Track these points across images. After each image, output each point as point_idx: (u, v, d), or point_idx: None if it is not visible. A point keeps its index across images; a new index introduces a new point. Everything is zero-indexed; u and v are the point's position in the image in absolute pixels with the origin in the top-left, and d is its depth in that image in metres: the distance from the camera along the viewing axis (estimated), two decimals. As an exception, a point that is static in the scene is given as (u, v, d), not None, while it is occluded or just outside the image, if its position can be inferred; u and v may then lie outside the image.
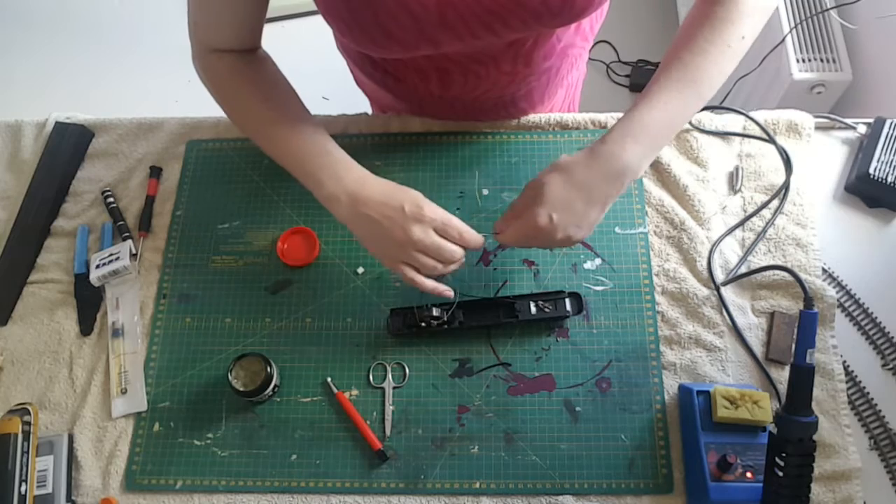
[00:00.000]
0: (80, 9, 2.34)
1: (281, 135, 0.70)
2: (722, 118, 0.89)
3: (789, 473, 0.60)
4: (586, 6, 0.63)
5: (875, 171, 0.82)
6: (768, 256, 0.81)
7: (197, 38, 0.71)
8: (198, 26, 0.70)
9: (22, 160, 0.92)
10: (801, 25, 1.35)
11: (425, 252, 0.66)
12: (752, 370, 0.76)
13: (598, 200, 0.65)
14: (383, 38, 0.64)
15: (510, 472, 0.72)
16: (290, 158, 0.70)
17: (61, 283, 0.84)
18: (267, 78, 0.73)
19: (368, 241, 0.69)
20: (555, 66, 0.83)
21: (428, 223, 0.65)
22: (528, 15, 0.62)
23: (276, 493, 0.73)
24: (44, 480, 0.71)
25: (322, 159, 0.68)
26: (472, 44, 0.67)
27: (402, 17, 0.62)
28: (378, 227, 0.66)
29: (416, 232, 0.65)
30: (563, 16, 0.63)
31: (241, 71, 0.71)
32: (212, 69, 0.72)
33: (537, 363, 0.77)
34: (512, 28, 0.64)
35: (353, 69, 0.92)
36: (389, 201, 0.66)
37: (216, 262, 0.84)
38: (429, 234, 0.65)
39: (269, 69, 0.74)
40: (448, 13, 0.62)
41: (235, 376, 0.73)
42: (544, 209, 0.64)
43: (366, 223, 0.67)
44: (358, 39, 0.65)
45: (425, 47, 0.66)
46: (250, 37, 0.71)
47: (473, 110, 0.87)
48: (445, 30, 0.64)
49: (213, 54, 0.71)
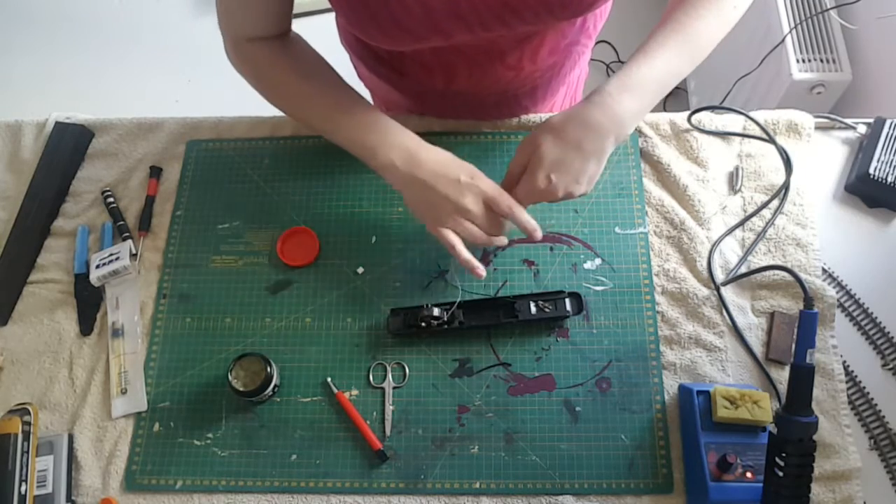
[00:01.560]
0: (80, 9, 2.34)
1: (329, 110, 0.71)
2: (722, 118, 0.89)
3: (789, 473, 0.60)
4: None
5: (875, 171, 0.82)
6: (768, 256, 0.81)
7: (229, 30, 0.71)
8: (229, 16, 0.70)
9: (22, 160, 0.92)
10: (801, 25, 1.35)
11: (473, 221, 0.67)
12: (752, 370, 0.76)
13: (594, 154, 0.66)
14: (394, 27, 0.64)
15: (510, 472, 0.72)
16: (342, 132, 0.71)
17: (61, 283, 0.84)
18: (304, 57, 0.74)
19: (418, 204, 0.70)
20: (559, 64, 0.83)
21: (480, 194, 0.67)
22: (540, 6, 0.63)
23: (276, 493, 0.73)
24: (44, 480, 0.71)
25: (373, 127, 0.70)
26: (481, 35, 0.67)
27: (414, 7, 0.62)
28: (432, 192, 0.67)
29: (468, 201, 0.66)
30: (573, 8, 0.63)
31: (278, 55, 0.72)
32: (249, 58, 0.72)
33: (537, 363, 0.77)
34: (523, 20, 0.64)
35: (356, 64, 0.92)
36: (446, 170, 0.67)
37: (216, 262, 0.84)
38: (479, 204, 0.67)
39: (305, 49, 0.75)
40: (460, 3, 0.62)
41: (235, 376, 0.73)
42: (542, 172, 0.66)
43: (419, 187, 0.68)
44: (368, 30, 0.65)
45: (435, 38, 0.66)
46: (281, 22, 0.72)
47: (476, 106, 0.87)
48: (456, 20, 0.64)
49: (248, 43, 0.72)
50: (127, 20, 2.33)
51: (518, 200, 0.68)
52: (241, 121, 0.92)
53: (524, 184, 0.68)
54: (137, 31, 2.29)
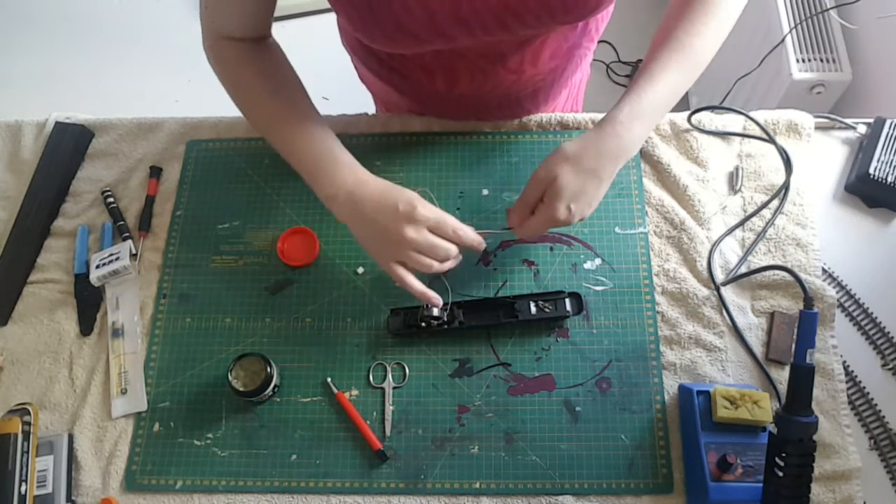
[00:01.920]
0: (80, 9, 2.34)
1: (287, 132, 0.70)
2: (722, 118, 0.89)
3: (789, 473, 0.60)
4: (599, 3, 0.63)
5: (875, 171, 0.82)
6: (768, 256, 0.81)
7: (207, 24, 0.71)
8: (208, 12, 0.70)
9: (22, 160, 0.92)
10: (801, 25, 1.35)
11: (419, 251, 0.66)
12: (752, 370, 0.76)
13: (606, 179, 0.67)
14: (396, 31, 0.64)
15: (510, 472, 0.72)
16: (294, 157, 0.70)
17: (61, 283, 0.84)
18: (274, 70, 0.73)
19: (365, 240, 0.70)
20: (560, 67, 0.83)
21: (422, 222, 0.65)
22: (543, 10, 0.63)
23: (276, 493, 0.73)
24: (44, 480, 0.71)
25: (325, 161, 0.69)
26: (483, 39, 0.67)
27: (416, 10, 0.62)
28: (373, 225, 0.67)
29: (408, 231, 0.65)
30: (576, 12, 0.63)
31: (249, 60, 0.71)
32: (221, 56, 0.72)
33: (537, 363, 0.77)
34: (525, 24, 0.65)
35: (357, 66, 0.92)
36: (384, 201, 0.66)
37: (216, 262, 0.84)
38: (422, 232, 0.66)
39: (278, 60, 0.74)
40: (462, 7, 0.62)
41: (235, 376, 0.73)
42: (562, 203, 0.66)
43: (361, 222, 0.68)
44: (370, 32, 0.65)
45: (437, 42, 0.66)
46: (259, 25, 0.71)
47: (478, 109, 0.87)
48: (459, 24, 0.64)
49: (223, 41, 0.71)
50: (127, 20, 2.32)
51: (534, 229, 0.68)
52: (241, 121, 0.92)
53: (542, 214, 0.67)
54: (137, 31, 2.29)
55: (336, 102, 1.09)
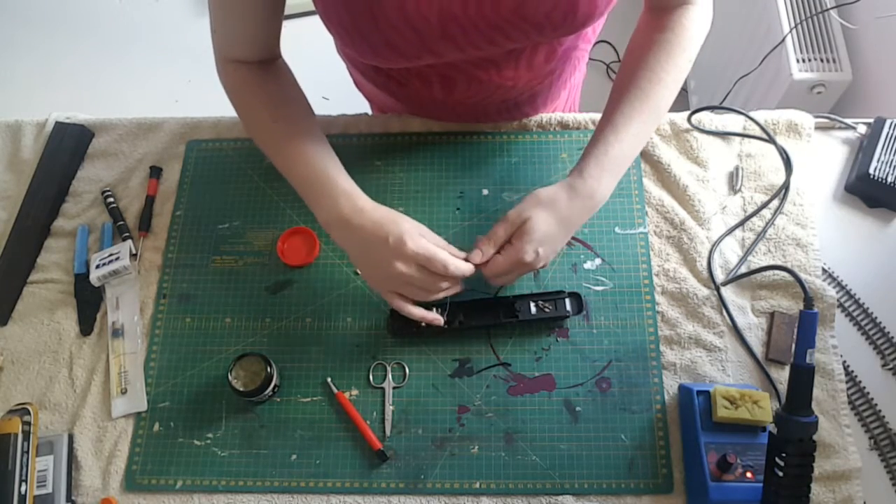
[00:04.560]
0: (80, 9, 2.34)
1: (289, 155, 0.70)
2: (722, 118, 0.89)
3: (789, 473, 0.60)
4: (587, 18, 0.63)
5: (875, 171, 0.82)
6: (768, 256, 0.81)
7: (216, 49, 0.72)
8: (217, 36, 0.70)
9: (22, 160, 0.92)
10: (801, 25, 1.35)
11: (411, 284, 0.67)
12: (752, 370, 0.76)
13: (574, 228, 0.70)
14: (385, 48, 0.64)
15: (510, 472, 0.72)
16: (296, 180, 0.70)
17: (61, 283, 0.84)
18: (280, 92, 0.73)
19: (361, 268, 0.72)
20: (557, 70, 0.83)
21: (411, 258, 0.65)
22: (531, 27, 0.63)
23: (276, 493, 0.73)
24: (44, 480, 0.71)
25: (324, 185, 0.68)
26: (473, 54, 0.67)
27: (404, 29, 0.62)
28: (366, 256, 0.68)
29: (398, 266, 0.65)
30: (564, 28, 0.64)
31: (255, 84, 0.72)
32: (229, 79, 0.73)
33: (537, 363, 0.77)
34: (513, 39, 0.65)
35: (353, 73, 0.92)
36: (377, 232, 0.65)
37: (216, 262, 0.84)
38: (411, 268, 0.65)
39: (284, 82, 0.74)
40: (450, 26, 0.62)
41: (235, 376, 0.73)
42: (531, 246, 0.66)
43: (356, 251, 0.69)
44: (360, 49, 0.65)
45: (426, 57, 0.66)
46: (265, 49, 0.72)
47: (476, 114, 0.87)
48: (447, 41, 0.64)
49: (231, 64, 0.72)
50: (127, 20, 2.33)
51: (499, 267, 0.68)
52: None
53: (510, 254, 0.67)
54: (137, 31, 2.29)
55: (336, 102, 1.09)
